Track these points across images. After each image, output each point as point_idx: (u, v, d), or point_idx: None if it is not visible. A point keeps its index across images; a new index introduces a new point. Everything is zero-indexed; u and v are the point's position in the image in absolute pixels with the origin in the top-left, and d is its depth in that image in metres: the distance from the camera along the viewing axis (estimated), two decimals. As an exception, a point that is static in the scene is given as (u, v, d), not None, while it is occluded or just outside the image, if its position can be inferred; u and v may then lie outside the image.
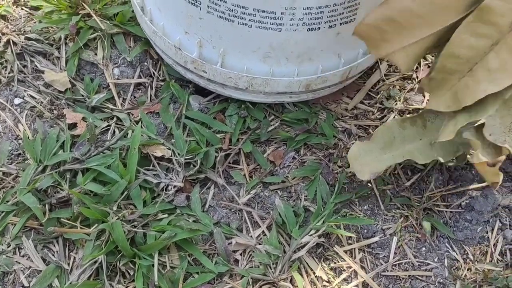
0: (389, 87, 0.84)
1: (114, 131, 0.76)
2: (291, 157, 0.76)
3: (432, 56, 0.86)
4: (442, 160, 0.65)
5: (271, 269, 0.66)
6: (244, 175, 0.74)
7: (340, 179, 0.73)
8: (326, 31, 0.66)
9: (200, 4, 0.64)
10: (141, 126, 0.74)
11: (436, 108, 0.60)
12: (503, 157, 0.58)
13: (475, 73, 0.56)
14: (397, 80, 0.86)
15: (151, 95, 0.80)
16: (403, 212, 0.73)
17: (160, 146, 0.73)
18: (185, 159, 0.72)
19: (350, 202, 0.73)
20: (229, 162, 0.75)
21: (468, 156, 0.65)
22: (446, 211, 0.73)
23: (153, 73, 0.82)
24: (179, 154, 0.73)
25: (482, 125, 0.61)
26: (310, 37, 0.66)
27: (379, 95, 0.83)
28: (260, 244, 0.68)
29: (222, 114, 0.78)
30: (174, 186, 0.71)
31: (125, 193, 0.69)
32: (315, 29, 0.65)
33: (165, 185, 0.71)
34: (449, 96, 0.58)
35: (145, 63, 0.82)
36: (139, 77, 0.81)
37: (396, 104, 0.82)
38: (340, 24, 0.66)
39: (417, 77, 0.85)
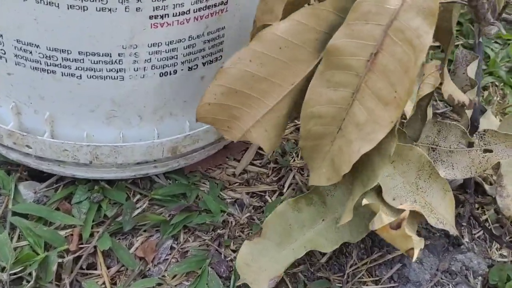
0: (282, 142, 0.69)
1: None
2: (167, 248, 0.56)
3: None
4: (352, 241, 0.52)
5: None
6: (104, 283, 0.53)
7: (236, 268, 0.54)
8: (186, 74, 0.49)
9: (5, 53, 0.45)
10: None
11: (317, 183, 0.47)
12: (406, 213, 0.43)
13: (345, 131, 0.43)
14: (290, 132, 0.71)
15: (-36, 189, 0.58)
16: (324, 300, 0.55)
17: (-27, 261, 0.51)
18: (12, 274, 0.50)
19: (253, 298, 0.54)
20: (82, 268, 0.54)
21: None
22: (376, 289, 0.56)
23: (-32, 158, 0.60)
24: (3, 269, 0.51)
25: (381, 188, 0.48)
26: (166, 84, 0.49)
27: (271, 153, 0.67)
28: None
29: (68, 202, 0.58)
30: (-4, 319, 0.48)
31: None
32: (170, 73, 0.48)
33: (-19, 319, 0.48)
34: (327, 166, 0.46)
35: (-45, 147, 0.60)
36: None
37: (294, 160, 0.67)
38: (203, 64, 0.50)
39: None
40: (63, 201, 0.58)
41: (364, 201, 0.45)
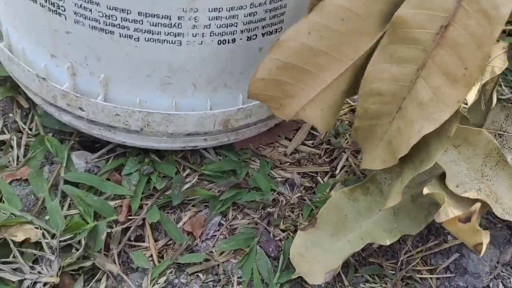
0: (336, 122, 0.66)
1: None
2: (216, 224, 0.55)
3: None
4: (411, 233, 0.49)
5: None
6: (151, 256, 0.52)
7: (286, 248, 0.53)
8: (244, 44, 0.47)
9: (64, 11, 0.45)
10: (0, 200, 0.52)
11: (370, 166, 0.45)
12: (477, 205, 0.40)
13: (405, 111, 0.40)
14: (345, 113, 0.68)
15: (18, 156, 0.58)
16: (375, 286, 0.53)
17: (24, 226, 0.51)
18: (62, 241, 0.50)
19: (301, 279, 0.52)
20: (130, 239, 0.53)
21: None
22: (431, 278, 0.53)
23: (22, 127, 0.60)
24: (53, 236, 0.51)
25: (444, 175, 0.45)
26: (223, 53, 0.47)
27: (324, 134, 0.65)
28: None
29: (118, 173, 0.57)
30: (45, 284, 0.48)
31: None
32: (228, 42, 0.46)
33: (31, 282, 0.48)
34: (383, 148, 0.43)
35: (11, 114, 0.61)
36: (1, 132, 0.59)
37: (347, 142, 0.64)
38: (263, 35, 0.48)
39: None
40: (113, 172, 0.57)
41: (426, 190, 0.42)
